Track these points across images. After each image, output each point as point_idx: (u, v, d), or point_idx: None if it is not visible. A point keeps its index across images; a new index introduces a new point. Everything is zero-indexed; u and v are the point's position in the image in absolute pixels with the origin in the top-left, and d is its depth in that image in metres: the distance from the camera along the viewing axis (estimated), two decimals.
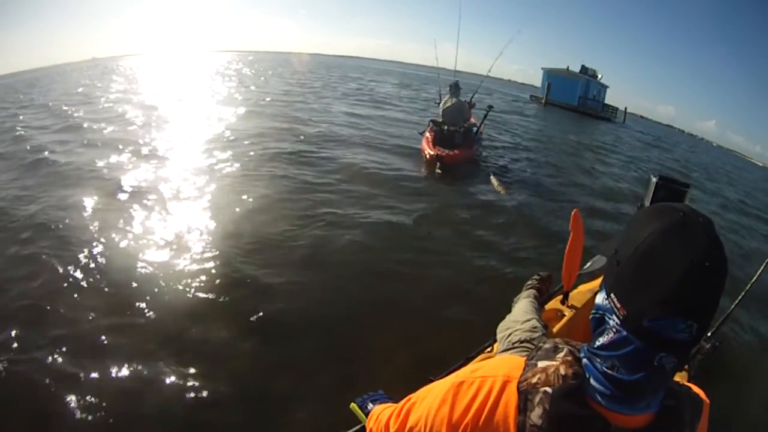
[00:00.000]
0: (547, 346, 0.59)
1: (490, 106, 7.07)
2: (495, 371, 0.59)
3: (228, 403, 1.96)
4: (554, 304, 1.73)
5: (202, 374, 2.10)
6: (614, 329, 0.52)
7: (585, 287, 1.94)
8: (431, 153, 6.06)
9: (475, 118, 7.38)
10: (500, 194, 5.31)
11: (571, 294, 1.76)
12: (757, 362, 2.82)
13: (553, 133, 13.17)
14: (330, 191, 4.73)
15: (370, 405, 1.02)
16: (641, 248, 0.49)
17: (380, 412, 0.80)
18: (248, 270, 3.03)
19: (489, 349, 1.53)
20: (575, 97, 26.37)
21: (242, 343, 2.33)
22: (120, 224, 3.71)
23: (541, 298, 1.46)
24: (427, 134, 6.71)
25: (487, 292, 2.92)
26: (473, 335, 1.66)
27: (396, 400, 0.82)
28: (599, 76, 28.26)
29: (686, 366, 1.57)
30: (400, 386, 1.02)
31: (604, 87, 29.64)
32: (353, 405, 1.04)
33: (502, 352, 1.09)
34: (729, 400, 2.26)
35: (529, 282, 1.49)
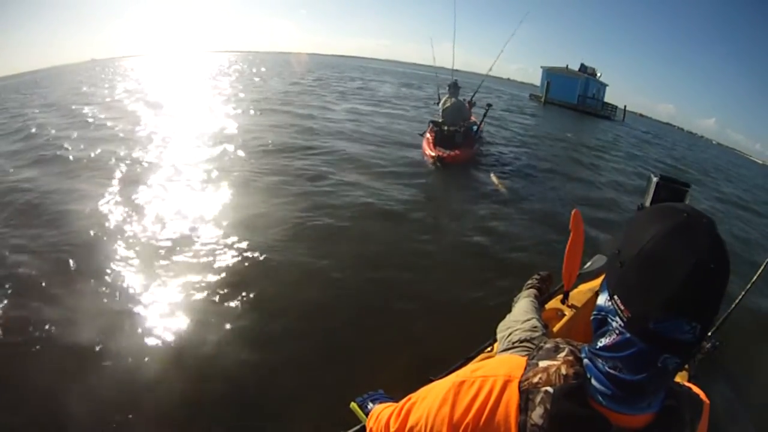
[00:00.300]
0: (548, 345, 0.59)
1: (489, 105, 7.07)
2: (496, 371, 0.59)
3: (228, 403, 1.96)
4: (554, 303, 1.73)
5: (201, 374, 2.10)
6: (617, 331, 0.51)
7: (585, 287, 1.94)
8: (432, 154, 6.04)
9: (474, 116, 7.38)
10: (501, 193, 5.31)
11: (572, 293, 1.76)
12: (756, 362, 2.82)
13: (552, 131, 13.16)
14: (330, 191, 4.73)
15: (370, 404, 1.02)
16: (645, 250, 0.49)
17: (380, 411, 0.80)
18: (248, 269, 3.03)
19: (489, 348, 1.53)
20: (575, 96, 26.37)
21: (242, 343, 2.32)
22: (120, 221, 3.74)
23: (542, 298, 1.46)
24: (428, 135, 6.69)
25: (487, 292, 2.92)
26: (473, 335, 1.65)
27: (396, 400, 0.82)
28: (599, 75, 28.26)
29: (686, 365, 1.57)
30: (400, 386, 1.02)
31: (604, 85, 29.63)
32: (353, 405, 1.04)
33: (502, 351, 1.09)
34: (729, 400, 2.26)
35: (529, 281, 1.49)
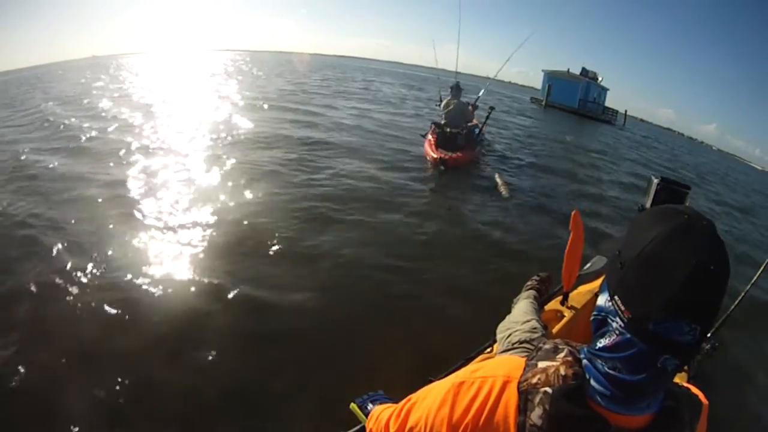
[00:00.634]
0: (547, 346, 0.59)
1: (492, 107, 7.06)
2: (495, 371, 0.59)
3: (227, 403, 1.95)
4: (554, 304, 1.73)
5: (201, 374, 2.09)
6: (617, 332, 0.52)
7: (585, 288, 1.94)
8: (434, 156, 6.01)
9: (476, 119, 7.38)
10: (502, 195, 5.31)
11: (571, 295, 1.76)
12: (755, 363, 2.82)
13: (553, 135, 13.18)
14: (331, 191, 4.73)
15: (370, 405, 1.02)
16: (646, 251, 0.49)
17: (380, 412, 0.80)
18: (248, 268, 3.02)
19: (489, 349, 1.53)
20: (575, 100, 26.40)
21: (241, 343, 2.32)
22: (121, 216, 3.75)
23: (541, 299, 1.46)
24: (429, 137, 6.66)
25: (487, 293, 2.92)
26: (473, 335, 1.66)
27: (396, 401, 0.82)
28: (600, 79, 28.29)
29: (686, 367, 1.57)
30: (400, 386, 1.02)
31: (605, 90, 29.67)
32: (353, 405, 1.05)
33: (502, 352, 1.09)
34: (728, 401, 2.26)
35: (529, 283, 1.50)
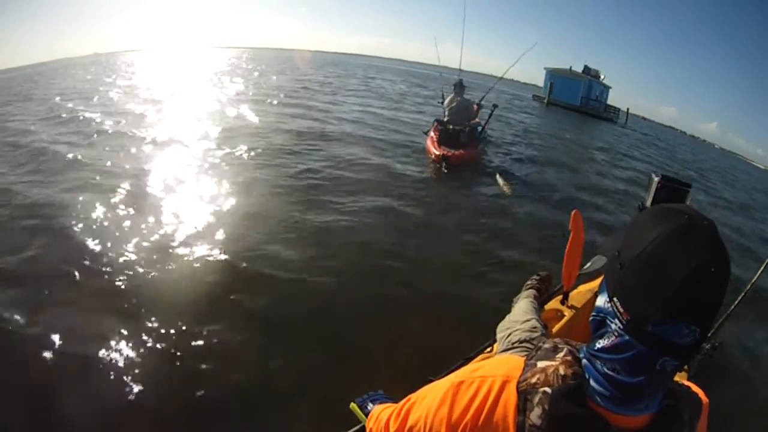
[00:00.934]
0: (546, 346, 0.59)
1: (495, 105, 7.03)
2: (494, 371, 0.59)
3: (227, 403, 1.96)
4: (554, 304, 1.72)
5: (200, 373, 2.10)
6: (616, 333, 0.51)
7: (585, 287, 1.93)
8: (437, 153, 5.98)
9: (479, 118, 7.36)
10: (504, 193, 5.30)
11: (571, 294, 1.75)
12: (756, 363, 2.82)
13: (555, 133, 13.15)
14: (333, 189, 4.73)
15: (370, 405, 1.02)
16: (646, 252, 0.49)
17: (380, 412, 0.80)
18: (249, 267, 3.03)
19: (489, 349, 1.53)
20: (577, 98, 26.31)
21: (241, 342, 2.32)
22: (124, 215, 3.76)
23: (541, 298, 1.46)
24: (432, 133, 6.63)
25: (487, 292, 2.92)
26: (473, 335, 1.65)
27: (396, 400, 0.82)
28: (602, 77, 28.18)
29: (686, 366, 1.56)
30: (400, 386, 1.02)
31: (607, 88, 29.55)
32: (353, 405, 1.05)
33: (502, 352, 1.09)
34: (728, 400, 2.25)
35: (529, 282, 1.49)
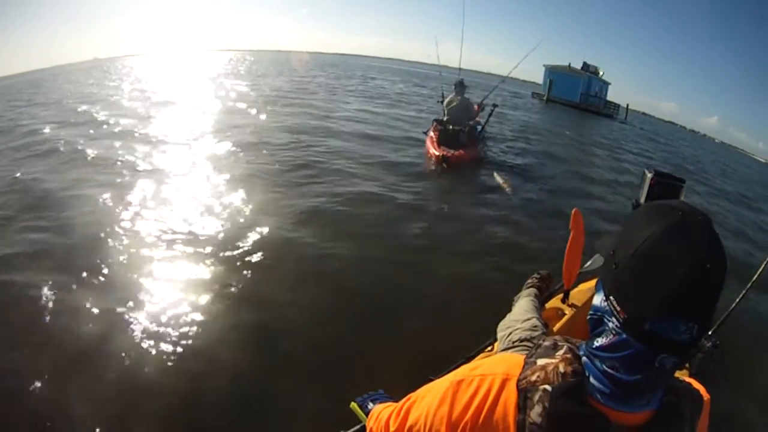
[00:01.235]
0: (546, 343, 0.58)
1: (495, 105, 7.01)
2: (494, 369, 0.59)
3: (227, 403, 1.96)
4: (555, 302, 1.72)
5: (200, 373, 2.10)
6: (614, 331, 0.51)
7: (585, 286, 1.93)
8: (437, 153, 5.95)
9: (479, 118, 7.34)
10: (504, 191, 5.30)
11: (572, 292, 1.75)
12: (758, 360, 2.81)
13: (554, 130, 13.13)
14: (334, 189, 4.73)
15: (370, 404, 1.02)
16: (641, 250, 0.49)
17: (380, 411, 0.80)
18: (249, 267, 3.03)
19: (489, 348, 1.53)
20: (577, 94, 26.25)
21: (240, 342, 2.32)
22: (122, 217, 3.76)
23: (542, 297, 1.45)
24: (431, 133, 6.60)
25: (488, 291, 2.91)
26: (474, 334, 1.65)
27: (396, 400, 0.82)
28: (601, 73, 28.10)
29: (687, 364, 1.56)
30: (400, 385, 1.02)
31: (606, 84, 29.48)
32: (353, 404, 1.05)
33: (503, 350, 1.09)
34: (730, 398, 2.25)
35: (529, 281, 1.49)
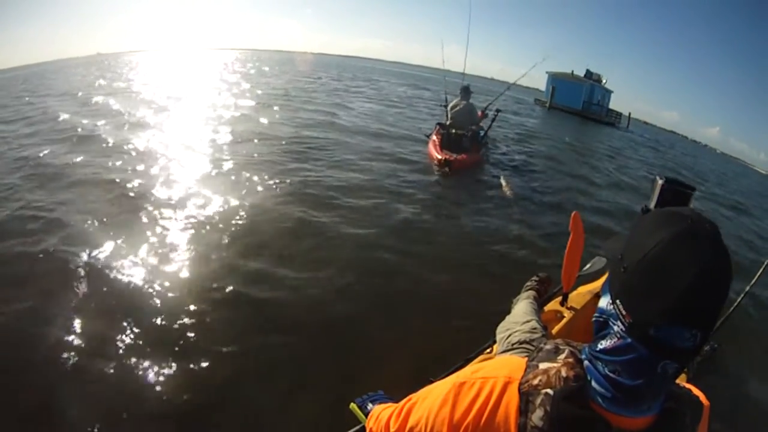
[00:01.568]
0: (548, 347, 0.59)
1: (498, 110, 6.99)
2: (496, 372, 0.59)
3: (227, 403, 1.95)
4: (553, 305, 1.73)
5: (200, 373, 2.09)
6: (618, 335, 0.52)
7: (584, 289, 1.94)
8: (439, 157, 5.91)
9: (482, 123, 7.33)
10: (505, 195, 5.30)
11: (571, 295, 1.76)
12: (755, 364, 2.81)
13: (557, 136, 13.12)
14: (336, 189, 4.72)
15: (369, 405, 1.02)
16: (650, 256, 0.49)
17: (380, 412, 0.80)
18: (250, 267, 3.02)
19: (488, 350, 1.53)
20: (579, 102, 26.25)
21: (240, 342, 2.31)
22: (122, 213, 3.74)
23: (541, 300, 1.46)
24: (434, 137, 6.57)
25: (488, 293, 2.91)
26: (473, 336, 1.66)
27: (396, 401, 0.82)
28: (604, 81, 28.12)
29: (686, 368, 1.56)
30: (400, 386, 1.02)
31: (609, 92, 29.51)
32: (353, 405, 1.04)
33: (502, 353, 1.09)
34: (727, 401, 2.25)
35: (529, 283, 1.49)
